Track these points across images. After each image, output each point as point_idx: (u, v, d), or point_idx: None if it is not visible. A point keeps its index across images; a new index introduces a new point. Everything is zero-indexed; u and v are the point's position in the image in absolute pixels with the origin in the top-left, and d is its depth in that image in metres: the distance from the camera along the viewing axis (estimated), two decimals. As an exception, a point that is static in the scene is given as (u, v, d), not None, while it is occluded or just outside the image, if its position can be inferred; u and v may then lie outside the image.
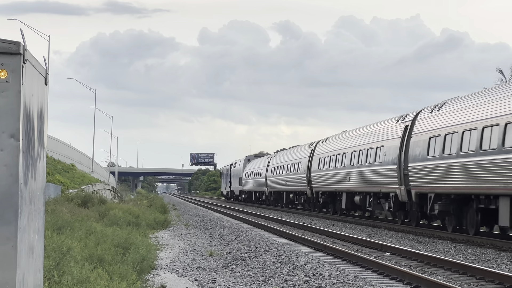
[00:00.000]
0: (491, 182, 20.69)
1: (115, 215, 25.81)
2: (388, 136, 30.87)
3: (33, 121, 7.09)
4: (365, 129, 36.72)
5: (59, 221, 18.57)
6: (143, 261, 13.83)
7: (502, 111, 20.55)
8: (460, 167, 22.81)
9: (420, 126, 27.25)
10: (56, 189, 36.93)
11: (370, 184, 33.06)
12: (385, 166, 30.68)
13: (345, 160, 37.46)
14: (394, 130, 30.31)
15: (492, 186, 20.64)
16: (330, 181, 40.43)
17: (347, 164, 36.80)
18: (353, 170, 35.49)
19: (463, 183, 22.54)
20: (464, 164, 22.49)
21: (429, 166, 25.44)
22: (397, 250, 18.36)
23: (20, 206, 6.51)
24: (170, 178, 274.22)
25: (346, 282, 12.63)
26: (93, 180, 64.66)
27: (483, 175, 21.15)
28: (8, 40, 6.53)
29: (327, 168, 41.43)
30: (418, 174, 26.58)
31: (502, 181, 19.97)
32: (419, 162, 26.51)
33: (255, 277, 13.60)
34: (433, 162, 25.12)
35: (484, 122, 21.34)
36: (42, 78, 7.62)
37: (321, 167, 43.03)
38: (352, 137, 38.39)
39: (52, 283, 9.81)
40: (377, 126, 34.48)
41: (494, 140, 20.57)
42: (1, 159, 6.43)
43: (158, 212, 35.67)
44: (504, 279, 12.84)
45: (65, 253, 12.42)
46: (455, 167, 23.18)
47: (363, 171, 33.90)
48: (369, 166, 33.07)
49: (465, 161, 22.42)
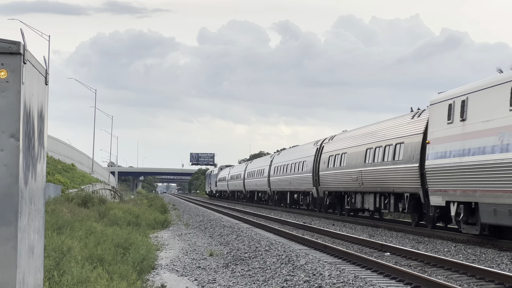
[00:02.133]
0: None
1: (115, 215, 25.82)
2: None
3: (33, 121, 7.08)
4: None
5: (59, 221, 18.57)
6: (143, 261, 13.83)
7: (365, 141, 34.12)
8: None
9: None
10: (56, 189, 36.95)
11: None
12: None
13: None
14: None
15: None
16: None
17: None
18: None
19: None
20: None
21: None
22: (397, 250, 18.36)
23: (20, 206, 6.50)
24: (170, 178, 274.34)
25: (346, 282, 12.63)
26: (93, 180, 64.66)
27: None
28: (8, 40, 6.52)
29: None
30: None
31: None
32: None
33: (255, 277, 13.60)
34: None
35: (365, 146, 34.02)
36: (42, 78, 7.62)
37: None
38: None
39: (52, 283, 9.81)
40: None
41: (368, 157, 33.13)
42: (1, 159, 6.43)
43: (158, 212, 35.69)
44: (504, 279, 12.84)
45: (65, 253, 12.42)
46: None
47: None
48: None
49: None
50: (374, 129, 35.04)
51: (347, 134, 41.16)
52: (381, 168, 31.89)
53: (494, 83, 20.48)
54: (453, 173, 22.70)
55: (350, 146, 37.74)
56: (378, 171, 32.30)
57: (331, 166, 41.14)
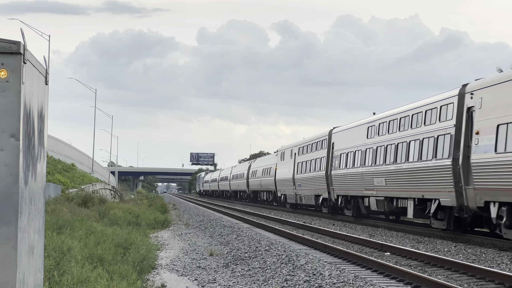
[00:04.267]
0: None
1: (115, 214, 25.81)
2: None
3: (33, 121, 7.08)
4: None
5: (59, 220, 18.56)
6: (143, 260, 13.82)
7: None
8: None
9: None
10: (56, 189, 36.93)
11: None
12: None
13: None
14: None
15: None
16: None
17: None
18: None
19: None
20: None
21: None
22: (397, 250, 18.35)
23: (20, 206, 6.50)
24: (170, 178, 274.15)
25: (346, 281, 12.62)
26: (93, 179, 64.61)
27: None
28: (8, 40, 6.52)
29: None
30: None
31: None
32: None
33: (255, 277, 13.59)
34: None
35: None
36: (42, 78, 7.61)
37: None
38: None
39: (52, 283, 9.80)
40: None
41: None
42: (1, 159, 6.43)
43: (158, 211, 35.69)
44: (504, 279, 12.83)
45: (65, 253, 12.42)
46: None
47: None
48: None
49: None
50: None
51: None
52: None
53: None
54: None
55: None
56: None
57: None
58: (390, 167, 28.77)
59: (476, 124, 21.32)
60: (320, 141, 42.45)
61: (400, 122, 28.52)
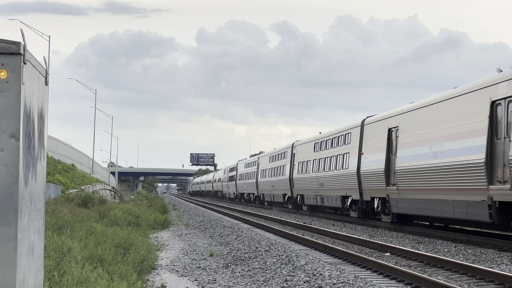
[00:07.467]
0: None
1: (115, 215, 25.81)
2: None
3: (33, 121, 7.08)
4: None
5: (60, 221, 18.56)
6: (144, 261, 13.83)
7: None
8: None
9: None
10: (56, 189, 36.92)
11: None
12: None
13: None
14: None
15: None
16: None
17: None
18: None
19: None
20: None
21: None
22: (397, 250, 18.35)
23: (20, 206, 6.50)
24: (170, 178, 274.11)
25: (346, 282, 12.62)
26: (93, 180, 64.62)
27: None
28: (8, 40, 6.52)
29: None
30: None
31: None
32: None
33: (255, 277, 13.59)
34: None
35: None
36: (42, 78, 7.62)
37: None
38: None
39: (53, 283, 9.80)
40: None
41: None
42: (2, 159, 6.43)
43: (158, 212, 35.67)
44: (504, 279, 12.83)
45: (65, 253, 12.42)
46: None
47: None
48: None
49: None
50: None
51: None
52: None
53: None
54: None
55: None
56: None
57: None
58: (327, 173, 39.49)
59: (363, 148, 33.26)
60: (283, 152, 54.66)
61: (327, 142, 40.53)
